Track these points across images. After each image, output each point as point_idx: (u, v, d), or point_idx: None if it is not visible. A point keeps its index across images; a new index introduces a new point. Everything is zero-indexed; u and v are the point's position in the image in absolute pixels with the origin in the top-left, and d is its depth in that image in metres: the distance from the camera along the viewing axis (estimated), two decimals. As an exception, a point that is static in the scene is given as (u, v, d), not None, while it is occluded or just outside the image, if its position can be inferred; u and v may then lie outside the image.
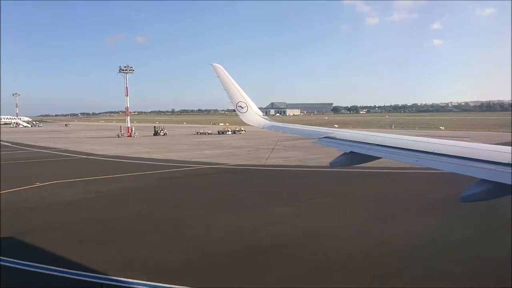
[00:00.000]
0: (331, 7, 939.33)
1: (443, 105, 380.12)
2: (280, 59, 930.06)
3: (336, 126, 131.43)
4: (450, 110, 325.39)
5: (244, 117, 11.61)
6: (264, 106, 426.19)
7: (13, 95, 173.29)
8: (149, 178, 32.40)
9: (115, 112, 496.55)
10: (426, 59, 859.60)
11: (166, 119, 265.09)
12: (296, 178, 33.09)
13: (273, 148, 56.71)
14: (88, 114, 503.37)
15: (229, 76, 11.58)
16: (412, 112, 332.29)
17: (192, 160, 43.31)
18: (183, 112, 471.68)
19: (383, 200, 23.89)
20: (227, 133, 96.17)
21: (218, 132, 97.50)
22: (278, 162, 41.11)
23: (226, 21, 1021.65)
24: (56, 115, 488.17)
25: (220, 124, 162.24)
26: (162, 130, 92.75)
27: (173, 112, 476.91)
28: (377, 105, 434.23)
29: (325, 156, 46.06)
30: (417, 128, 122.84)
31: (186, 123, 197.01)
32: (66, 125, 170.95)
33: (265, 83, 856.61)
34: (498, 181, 4.63)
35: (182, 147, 60.41)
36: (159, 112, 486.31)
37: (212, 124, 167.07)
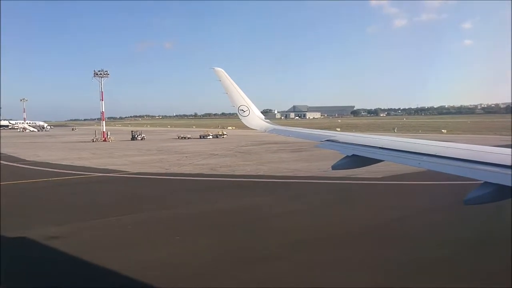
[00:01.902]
0: (358, 8, 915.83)
1: (471, 107, 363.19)
2: (303, 62, 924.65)
3: (338, 129, 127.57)
4: (473, 112, 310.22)
5: (246, 121, 11.48)
6: (286, 109, 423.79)
7: (21, 100, 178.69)
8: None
9: (139, 116, 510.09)
10: (456, 60, 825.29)
11: (181, 123, 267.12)
12: (164, 187, 31.02)
13: (217, 154, 54.23)
14: (115, 118, 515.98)
15: (230, 79, 11.45)
16: (433, 115, 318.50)
17: (107, 167, 41.06)
18: (206, 115, 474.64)
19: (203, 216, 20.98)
20: (208, 137, 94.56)
21: (200, 136, 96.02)
22: (186, 170, 38.42)
23: (248, 23, 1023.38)
24: (84, 119, 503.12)
25: (229, 128, 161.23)
26: (140, 134, 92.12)
27: (195, 116, 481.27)
28: (401, 108, 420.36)
29: (254, 163, 43.29)
30: (420, 131, 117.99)
31: (195, 127, 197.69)
32: (72, 129, 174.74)
33: (288, 87, 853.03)
34: (501, 183, 4.62)
35: (128, 152, 58.80)
36: (183, 116, 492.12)
37: (221, 128, 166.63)
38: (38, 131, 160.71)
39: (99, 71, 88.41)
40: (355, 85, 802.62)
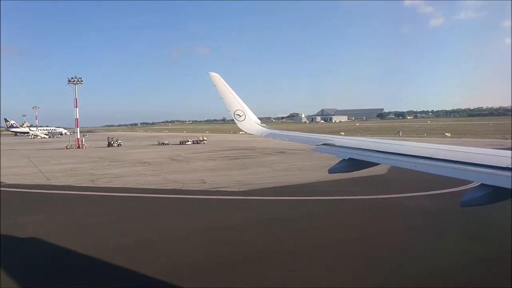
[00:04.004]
0: (391, 8, 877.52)
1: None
2: (335, 64, 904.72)
3: (343, 133, 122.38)
4: (505, 114, 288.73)
5: (242, 125, 11.33)
6: (315, 113, 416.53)
7: (33, 108, 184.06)
8: None
9: (170, 122, 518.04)
10: (496, 59, 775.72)
11: (203, 128, 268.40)
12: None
13: (148, 162, 51.85)
14: (147, 123, 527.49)
15: (226, 84, 11.30)
16: (462, 117, 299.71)
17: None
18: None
19: None
20: (187, 143, 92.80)
21: (180, 142, 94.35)
22: (66, 182, 35.99)
23: (279, 25, 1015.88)
24: (119, 125, 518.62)
25: (240, 133, 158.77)
26: (116, 141, 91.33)
27: (223, 120, 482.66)
28: (434, 110, 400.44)
29: (155, 173, 40.35)
30: (425, 135, 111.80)
31: (209, 132, 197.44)
32: (84, 135, 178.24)
33: (319, 90, 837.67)
34: (498, 185, 4.63)
35: (66, 160, 57.33)
36: (212, 121, 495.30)
37: (232, 133, 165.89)
38: (50, 137, 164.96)
39: (72, 78, 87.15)
40: (387, 87, 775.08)
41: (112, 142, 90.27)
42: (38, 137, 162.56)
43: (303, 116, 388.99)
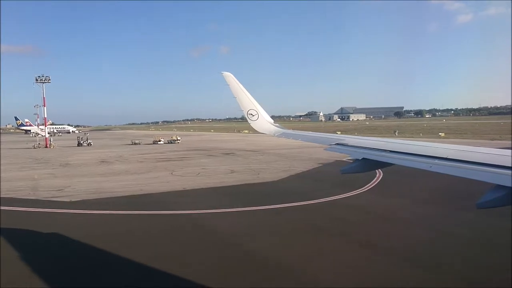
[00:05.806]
0: (416, 6, 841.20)
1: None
2: (357, 62, 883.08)
3: (339, 133, 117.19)
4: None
5: (255, 125, 11.36)
6: (334, 111, 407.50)
7: (34, 106, 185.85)
8: None
9: (190, 120, 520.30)
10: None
11: (213, 126, 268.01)
12: None
13: (72, 163, 49.18)
14: (169, 121, 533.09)
15: (239, 84, 11.37)
16: (482, 115, 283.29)
17: None
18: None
19: None
20: (159, 143, 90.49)
21: (153, 142, 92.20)
22: None
23: (300, 25, 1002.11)
24: (141, 123, 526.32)
25: (245, 131, 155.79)
26: (86, 141, 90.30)
27: (242, 118, 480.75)
28: (458, 108, 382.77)
29: (65, 176, 37.53)
30: (420, 134, 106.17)
31: (213, 131, 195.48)
32: (85, 133, 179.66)
33: (338, 88, 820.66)
34: None
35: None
36: (232, 119, 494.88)
37: (237, 132, 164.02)
38: (51, 136, 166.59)
39: (39, 76, 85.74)
40: (410, 85, 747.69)
41: (81, 142, 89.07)
42: (39, 136, 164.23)
43: (320, 114, 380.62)
